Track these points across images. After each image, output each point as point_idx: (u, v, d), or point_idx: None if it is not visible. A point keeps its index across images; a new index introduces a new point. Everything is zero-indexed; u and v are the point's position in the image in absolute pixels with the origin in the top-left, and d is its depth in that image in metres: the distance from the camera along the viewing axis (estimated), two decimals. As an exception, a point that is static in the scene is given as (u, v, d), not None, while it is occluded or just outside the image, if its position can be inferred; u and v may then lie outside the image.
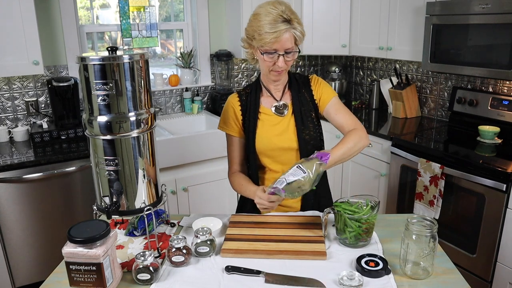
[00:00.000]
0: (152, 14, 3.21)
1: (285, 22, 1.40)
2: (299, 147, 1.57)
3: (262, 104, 1.60)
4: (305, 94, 1.60)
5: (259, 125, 1.58)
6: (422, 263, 1.21)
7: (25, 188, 2.36)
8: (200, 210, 2.92)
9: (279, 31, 1.38)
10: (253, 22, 1.44)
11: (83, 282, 1.13)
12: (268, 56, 1.45)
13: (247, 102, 1.60)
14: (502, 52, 2.21)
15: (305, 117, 1.57)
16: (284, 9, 1.41)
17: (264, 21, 1.39)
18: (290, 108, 1.59)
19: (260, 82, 1.62)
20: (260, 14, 1.42)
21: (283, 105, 1.59)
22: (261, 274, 1.22)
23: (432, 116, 3.13)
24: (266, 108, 1.60)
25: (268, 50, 1.43)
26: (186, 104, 3.33)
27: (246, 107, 1.60)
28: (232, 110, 1.61)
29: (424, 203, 2.39)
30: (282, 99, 1.60)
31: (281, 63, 1.45)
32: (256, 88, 1.61)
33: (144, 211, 1.31)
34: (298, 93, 1.59)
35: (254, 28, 1.43)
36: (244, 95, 1.62)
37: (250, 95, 1.61)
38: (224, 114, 1.64)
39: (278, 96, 1.60)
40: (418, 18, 2.72)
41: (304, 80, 1.62)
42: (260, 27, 1.40)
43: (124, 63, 1.21)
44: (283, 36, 1.40)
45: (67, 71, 2.92)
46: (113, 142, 1.25)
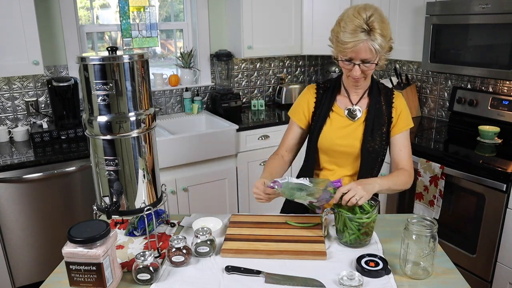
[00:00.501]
0: (152, 14, 3.21)
1: (364, 32, 1.35)
2: (361, 156, 1.54)
3: (337, 103, 1.59)
4: (383, 107, 1.55)
5: (327, 123, 1.57)
6: (422, 263, 1.21)
7: (25, 188, 2.36)
8: (200, 210, 2.92)
9: (354, 42, 1.35)
10: (335, 26, 1.44)
11: (83, 282, 1.13)
12: (344, 63, 1.44)
13: (323, 96, 1.59)
14: (502, 52, 2.21)
15: (376, 129, 1.53)
16: (367, 17, 1.35)
17: (343, 28, 1.38)
18: (363, 115, 1.56)
19: (341, 81, 1.61)
20: (342, 19, 1.41)
21: (357, 109, 1.56)
22: (261, 274, 1.22)
23: (432, 116, 3.13)
24: (339, 108, 1.58)
25: (343, 58, 1.43)
26: (186, 104, 3.33)
27: (320, 101, 1.59)
28: (306, 100, 1.61)
29: (424, 203, 2.39)
30: (358, 104, 1.57)
31: (356, 72, 1.43)
32: (335, 86, 1.60)
33: (144, 211, 1.31)
34: (376, 103, 1.55)
35: (334, 32, 1.43)
36: (322, 88, 1.61)
37: (327, 91, 1.60)
38: (297, 102, 1.64)
39: (355, 99, 1.58)
40: (418, 18, 2.72)
41: (388, 92, 1.58)
42: (338, 33, 1.40)
43: (124, 63, 1.21)
44: (358, 47, 1.36)
45: (67, 71, 2.92)
46: (113, 142, 1.25)
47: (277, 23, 3.25)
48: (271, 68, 3.69)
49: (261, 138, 3.06)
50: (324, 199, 1.38)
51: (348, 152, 1.55)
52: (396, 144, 1.56)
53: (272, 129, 3.07)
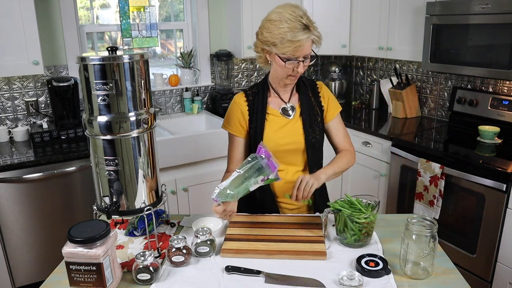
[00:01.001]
0: (152, 14, 3.21)
1: (305, 29, 1.40)
2: (306, 149, 1.59)
3: (270, 105, 1.61)
4: (312, 99, 1.62)
5: (267, 126, 1.58)
6: (422, 263, 1.21)
7: (25, 188, 2.36)
8: (200, 210, 2.92)
9: (301, 40, 1.39)
10: (271, 29, 1.43)
11: (83, 282, 1.13)
12: (289, 63, 1.46)
13: (254, 102, 1.60)
14: (502, 52, 2.21)
15: (312, 120, 1.60)
16: (302, 15, 1.41)
17: (285, 29, 1.39)
18: (297, 110, 1.61)
19: (268, 83, 1.63)
20: (279, 20, 1.41)
21: (291, 107, 1.61)
22: (261, 274, 1.22)
23: (432, 116, 3.13)
24: (273, 109, 1.61)
25: (289, 57, 1.44)
26: (186, 104, 3.33)
27: (253, 108, 1.60)
28: (239, 110, 1.61)
29: (424, 203, 2.39)
30: (289, 101, 1.62)
31: (301, 69, 1.48)
32: (264, 89, 1.62)
33: (144, 211, 1.31)
34: (306, 96, 1.62)
35: (274, 35, 1.42)
36: (251, 95, 1.62)
37: (257, 96, 1.61)
38: (230, 114, 1.63)
39: (286, 98, 1.62)
40: (418, 18, 2.72)
41: (312, 84, 1.65)
42: (281, 35, 1.40)
43: (124, 63, 1.21)
44: (305, 45, 1.41)
45: (67, 71, 2.92)
46: (113, 142, 1.25)
47: (277, 23, 3.24)
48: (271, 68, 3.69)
49: (261, 138, 3.06)
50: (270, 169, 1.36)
51: (294, 148, 1.59)
52: (331, 130, 1.67)
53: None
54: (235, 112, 1.61)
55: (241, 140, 1.62)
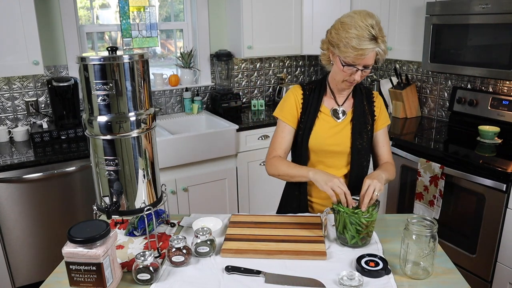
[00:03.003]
0: (152, 14, 3.21)
1: (372, 40, 1.39)
2: (351, 154, 1.60)
3: (324, 104, 1.63)
4: (366, 107, 1.63)
5: (317, 123, 1.60)
6: (422, 263, 1.21)
7: (25, 188, 2.36)
8: (200, 210, 2.92)
9: (365, 49, 1.39)
10: (340, 31, 1.43)
11: (83, 282, 1.13)
12: (348, 68, 1.46)
13: (309, 98, 1.62)
14: (502, 52, 2.21)
15: (362, 127, 1.61)
16: (374, 24, 1.40)
17: (352, 34, 1.39)
18: (349, 115, 1.62)
19: (326, 82, 1.64)
20: (349, 24, 1.41)
21: (342, 111, 1.62)
22: (261, 274, 1.22)
23: (432, 116, 3.13)
24: (326, 108, 1.62)
25: (349, 63, 1.45)
26: (186, 104, 3.33)
27: (307, 102, 1.61)
28: (294, 101, 1.62)
29: (424, 203, 2.39)
30: (343, 105, 1.63)
31: (357, 77, 1.47)
32: (321, 87, 1.63)
33: (144, 211, 1.31)
34: (360, 103, 1.63)
35: (340, 37, 1.42)
36: (308, 90, 1.63)
37: (313, 92, 1.62)
38: (285, 102, 1.64)
39: (340, 101, 1.63)
40: (418, 18, 2.72)
41: (368, 92, 1.67)
42: (347, 39, 1.40)
43: (124, 63, 1.21)
44: (368, 54, 1.41)
45: (67, 71, 2.92)
46: (113, 142, 1.25)
47: (277, 23, 3.25)
48: (271, 68, 3.69)
49: (261, 138, 3.06)
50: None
51: (339, 151, 1.60)
52: (378, 140, 1.67)
53: (272, 129, 3.07)
54: (290, 103, 1.62)
55: (291, 129, 1.63)
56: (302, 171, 1.50)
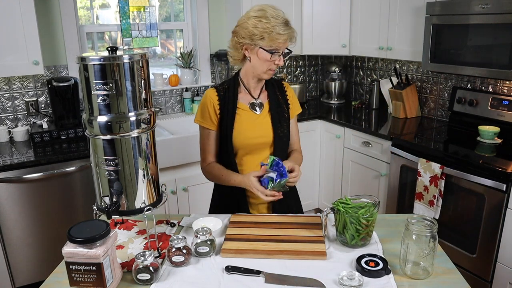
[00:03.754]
0: (152, 14, 3.21)
1: (287, 25, 1.54)
2: (274, 143, 1.68)
3: (240, 101, 1.68)
4: (279, 97, 1.73)
5: (237, 120, 1.65)
6: (422, 263, 1.21)
7: (25, 188, 2.36)
8: (200, 210, 2.92)
9: (289, 33, 1.54)
10: (257, 24, 1.52)
11: (83, 282, 1.13)
12: (274, 55, 1.55)
13: (225, 97, 1.67)
14: (502, 52, 2.21)
15: (280, 116, 1.70)
16: (282, 12, 1.56)
17: (274, 23, 1.51)
18: (266, 106, 1.70)
19: (239, 79, 1.70)
20: (266, 16, 1.52)
21: (259, 103, 1.70)
22: (261, 274, 1.22)
23: (432, 116, 3.13)
24: (243, 104, 1.68)
25: (276, 49, 1.54)
26: (186, 104, 3.33)
27: (224, 102, 1.66)
28: (211, 104, 1.66)
29: (424, 203, 2.39)
30: (259, 98, 1.71)
31: (281, 62, 1.58)
32: (234, 85, 1.69)
33: (144, 211, 1.31)
34: (274, 94, 1.72)
35: (260, 29, 1.52)
36: (222, 90, 1.68)
37: (228, 91, 1.68)
38: (202, 108, 1.69)
39: (255, 94, 1.70)
40: (418, 18, 2.72)
41: (278, 83, 1.77)
42: (272, 28, 1.51)
43: (124, 63, 1.21)
44: (288, 38, 1.55)
45: (67, 71, 2.92)
46: (113, 142, 1.25)
47: (277, 23, 3.24)
48: (271, 68, 3.69)
49: (261, 138, 3.06)
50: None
51: (263, 142, 1.67)
52: (292, 129, 1.76)
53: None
54: (208, 107, 1.67)
55: (214, 133, 1.69)
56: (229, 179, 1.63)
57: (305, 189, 2.15)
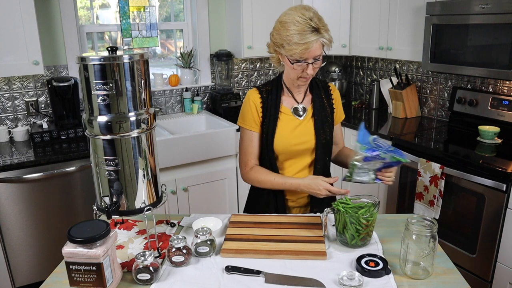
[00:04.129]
0: (152, 14, 3.21)
1: (314, 32, 1.41)
2: (316, 149, 1.62)
3: (283, 104, 1.62)
4: (324, 100, 1.65)
5: (279, 125, 1.59)
6: (422, 263, 1.21)
7: (25, 188, 2.36)
8: (200, 210, 2.92)
9: (309, 42, 1.40)
10: (281, 31, 1.45)
11: (83, 282, 1.13)
12: (298, 65, 1.47)
13: (268, 100, 1.60)
14: (502, 52, 2.21)
15: (323, 121, 1.63)
16: (312, 16, 1.42)
17: (293, 31, 1.40)
18: (310, 111, 1.63)
19: (281, 81, 1.63)
20: (288, 22, 1.43)
21: (302, 108, 1.63)
22: (261, 274, 1.22)
23: (432, 116, 3.13)
24: (286, 108, 1.62)
25: (297, 59, 1.45)
26: (186, 104, 3.33)
27: (267, 105, 1.60)
28: (254, 106, 1.60)
29: (424, 203, 2.39)
30: (302, 102, 1.63)
31: (310, 71, 1.48)
32: (277, 87, 1.62)
33: (144, 211, 1.31)
34: (319, 97, 1.64)
35: (282, 37, 1.44)
36: (265, 92, 1.61)
37: (271, 94, 1.61)
38: (244, 110, 1.63)
39: (299, 98, 1.63)
40: (418, 18, 2.72)
41: (324, 85, 1.68)
42: (289, 37, 1.41)
43: (124, 63, 1.21)
44: (313, 46, 1.41)
45: (67, 71, 2.92)
46: (113, 142, 1.25)
47: (277, 23, 3.24)
48: (271, 68, 3.69)
49: (261, 138, 3.06)
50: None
51: (305, 148, 1.61)
52: (337, 133, 1.74)
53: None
54: (251, 108, 1.61)
55: (257, 135, 1.62)
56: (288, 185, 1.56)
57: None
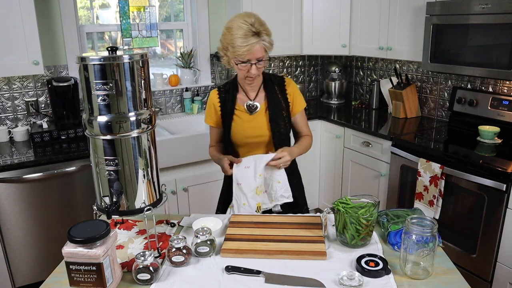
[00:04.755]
0: (152, 14, 3.21)
1: (255, 35, 1.56)
2: (273, 140, 1.77)
3: (238, 102, 1.78)
4: (278, 95, 1.78)
5: (235, 120, 1.76)
6: (422, 263, 1.21)
7: (25, 188, 2.36)
8: (200, 210, 2.92)
9: (250, 45, 1.55)
10: (226, 35, 1.60)
11: (83, 282, 1.13)
12: (242, 65, 1.62)
13: (225, 99, 1.78)
14: (502, 52, 2.21)
15: (277, 116, 1.76)
16: (254, 22, 1.57)
17: (236, 35, 1.55)
18: (263, 107, 1.76)
19: (237, 81, 1.80)
20: (232, 27, 1.57)
21: (254, 105, 1.76)
22: (261, 274, 1.22)
23: (432, 116, 3.13)
24: (240, 105, 1.78)
25: (242, 60, 1.59)
26: (186, 104, 3.33)
27: (224, 104, 1.78)
28: (212, 105, 1.80)
29: (424, 203, 2.39)
30: (255, 99, 1.77)
31: (254, 71, 1.63)
32: (233, 87, 1.79)
33: (144, 211, 1.31)
34: (272, 93, 1.77)
35: (227, 40, 1.59)
36: (223, 92, 1.80)
37: (228, 93, 1.79)
38: (207, 109, 1.85)
39: (252, 96, 1.78)
40: (418, 18, 2.72)
41: (279, 81, 1.81)
42: (233, 40, 1.56)
43: (124, 63, 1.21)
44: (254, 48, 1.57)
45: (67, 71, 2.92)
46: (113, 142, 1.25)
47: (277, 23, 3.24)
48: (271, 68, 3.69)
49: (261, 138, 3.06)
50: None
51: (260, 141, 1.77)
52: (297, 123, 1.85)
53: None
54: (210, 107, 1.82)
55: (217, 129, 1.86)
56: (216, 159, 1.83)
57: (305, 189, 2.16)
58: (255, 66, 1.61)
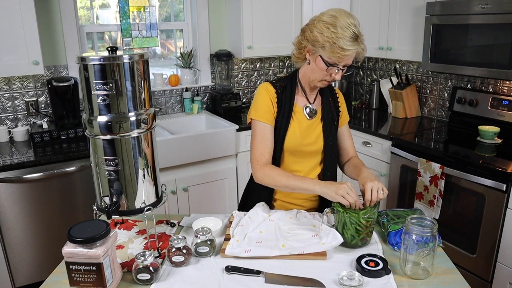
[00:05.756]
0: (152, 14, 3.21)
1: (355, 40, 1.40)
2: (324, 152, 1.61)
3: (297, 103, 1.59)
4: (331, 104, 1.65)
5: (291, 123, 1.56)
6: (422, 263, 1.21)
7: (25, 188, 2.36)
8: (200, 210, 2.92)
9: (351, 50, 1.39)
10: (324, 30, 1.40)
11: (83, 282, 1.13)
12: (331, 68, 1.44)
13: (282, 96, 1.56)
14: (502, 52, 2.21)
15: (331, 125, 1.63)
16: (357, 24, 1.41)
17: (342, 35, 1.38)
18: (319, 113, 1.62)
19: (297, 79, 1.60)
20: (336, 26, 1.38)
21: (314, 109, 1.60)
22: (261, 274, 1.22)
23: (432, 116, 3.13)
24: (299, 106, 1.59)
25: (335, 62, 1.42)
26: (186, 104, 3.33)
27: (281, 101, 1.55)
28: (269, 99, 1.54)
29: (424, 203, 2.39)
30: (314, 103, 1.62)
31: (338, 76, 1.47)
32: (292, 84, 1.58)
33: (144, 211, 1.31)
34: (327, 101, 1.64)
35: (325, 37, 1.39)
36: (279, 88, 1.57)
37: (285, 90, 1.57)
38: (260, 103, 1.55)
39: (311, 99, 1.61)
40: (418, 18, 2.72)
41: (331, 90, 1.68)
42: (338, 40, 1.38)
43: (124, 63, 1.21)
44: (353, 54, 1.42)
45: (67, 71, 2.92)
46: (113, 142, 1.25)
47: (277, 23, 3.25)
48: (271, 68, 3.69)
49: (261, 138, 3.06)
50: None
51: (313, 150, 1.60)
52: (344, 134, 1.70)
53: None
54: (266, 100, 1.54)
55: (271, 128, 1.55)
56: (307, 185, 1.43)
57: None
58: (341, 72, 1.46)
